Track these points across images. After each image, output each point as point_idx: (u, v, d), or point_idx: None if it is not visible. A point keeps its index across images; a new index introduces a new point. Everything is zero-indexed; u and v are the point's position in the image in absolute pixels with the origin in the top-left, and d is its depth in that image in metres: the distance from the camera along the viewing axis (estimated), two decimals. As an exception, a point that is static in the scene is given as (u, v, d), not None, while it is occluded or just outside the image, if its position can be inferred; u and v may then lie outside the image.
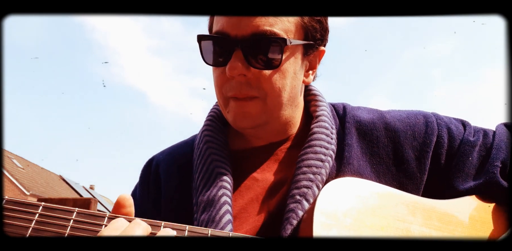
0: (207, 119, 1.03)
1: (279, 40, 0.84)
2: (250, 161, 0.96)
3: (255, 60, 0.85)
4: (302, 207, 0.83)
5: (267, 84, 0.87)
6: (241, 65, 0.85)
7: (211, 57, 0.89)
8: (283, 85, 0.89)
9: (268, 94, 0.88)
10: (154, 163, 1.05)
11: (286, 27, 0.86)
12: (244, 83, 0.87)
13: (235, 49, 0.85)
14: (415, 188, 0.90)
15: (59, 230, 0.66)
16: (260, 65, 0.85)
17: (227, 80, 0.88)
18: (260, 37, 0.84)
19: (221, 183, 0.88)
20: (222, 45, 0.87)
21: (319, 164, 0.88)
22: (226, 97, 0.90)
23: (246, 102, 0.88)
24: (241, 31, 0.84)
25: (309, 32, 0.90)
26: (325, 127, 0.93)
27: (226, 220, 0.83)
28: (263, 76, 0.86)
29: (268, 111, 0.90)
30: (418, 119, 0.96)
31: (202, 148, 0.96)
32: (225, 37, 0.86)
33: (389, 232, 0.79)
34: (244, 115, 0.89)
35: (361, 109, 1.01)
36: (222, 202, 0.85)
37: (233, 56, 0.85)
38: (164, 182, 1.00)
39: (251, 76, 0.86)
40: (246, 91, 0.87)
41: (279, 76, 0.88)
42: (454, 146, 0.92)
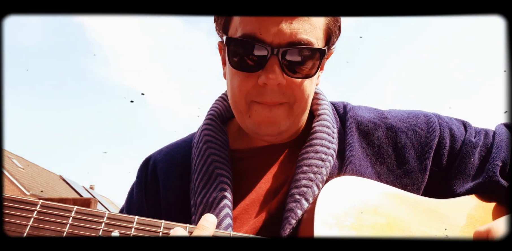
0: (206, 118, 1.01)
1: (318, 50, 0.84)
2: (251, 162, 0.95)
3: (291, 69, 0.83)
4: (301, 207, 0.82)
5: (298, 92, 0.86)
6: (280, 73, 0.82)
7: (239, 62, 0.85)
8: (311, 91, 0.89)
9: (296, 101, 0.87)
10: (152, 163, 1.04)
11: (318, 35, 0.85)
12: (277, 91, 0.85)
13: (272, 56, 0.82)
14: (416, 188, 0.89)
15: (58, 228, 0.66)
16: (297, 74, 0.84)
17: (255, 86, 0.85)
18: (298, 45, 0.82)
19: (221, 186, 0.87)
20: (256, 51, 0.83)
21: (320, 163, 0.87)
22: (250, 102, 0.87)
23: (275, 108, 0.86)
24: (278, 37, 0.81)
25: (331, 38, 0.89)
26: (327, 126, 0.93)
27: (226, 224, 0.82)
28: (295, 84, 0.85)
29: (293, 117, 0.89)
30: (420, 119, 0.95)
31: (202, 148, 0.94)
32: (260, 42, 0.82)
33: (390, 231, 0.79)
34: (270, 121, 0.87)
35: (362, 109, 1.00)
36: (222, 205, 0.84)
37: (269, 64, 0.82)
38: (162, 182, 0.99)
39: (286, 84, 0.84)
40: (279, 99, 0.85)
41: (309, 83, 0.87)
42: (456, 147, 0.92)
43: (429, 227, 0.82)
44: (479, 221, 0.86)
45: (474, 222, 0.85)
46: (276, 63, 0.82)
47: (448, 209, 0.86)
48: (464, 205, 0.87)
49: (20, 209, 0.66)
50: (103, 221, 0.69)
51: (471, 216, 0.86)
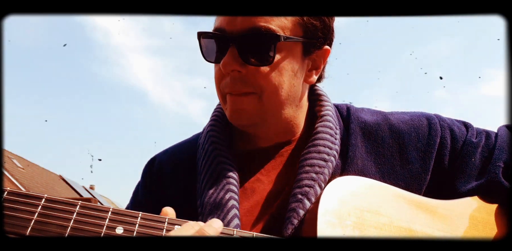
0: (211, 119, 1.01)
1: (272, 36, 0.84)
2: (255, 163, 0.95)
3: (249, 56, 0.85)
4: (304, 207, 0.82)
5: (263, 81, 0.86)
6: (235, 61, 0.84)
7: (209, 54, 0.90)
8: (279, 82, 0.88)
9: (263, 90, 0.87)
10: (157, 163, 1.04)
11: (283, 24, 0.85)
12: (239, 79, 0.86)
13: (230, 45, 0.85)
14: (418, 188, 0.90)
15: (62, 223, 0.66)
16: (253, 61, 0.85)
17: (224, 77, 0.88)
18: (254, 33, 0.83)
19: (228, 186, 0.87)
20: (218, 42, 0.87)
21: (322, 163, 0.87)
22: (224, 93, 0.90)
23: (241, 98, 0.87)
24: (237, 27, 0.84)
25: (309, 30, 0.89)
26: (330, 127, 0.93)
27: (234, 224, 0.82)
28: (259, 73, 0.86)
29: (264, 108, 0.89)
30: (422, 121, 0.96)
31: (208, 148, 0.94)
32: (221, 33, 0.86)
33: (392, 232, 0.79)
34: (240, 111, 0.89)
35: (365, 111, 1.01)
36: (230, 206, 0.84)
37: (227, 53, 0.85)
38: (168, 182, 0.99)
39: (246, 72, 0.86)
40: (241, 88, 0.87)
41: (276, 73, 0.87)
42: (457, 147, 0.93)
43: (431, 228, 0.82)
44: (481, 222, 0.86)
45: (476, 223, 0.85)
46: (233, 51, 0.84)
47: (451, 210, 0.85)
48: (466, 206, 0.87)
49: (24, 204, 0.66)
50: (108, 216, 0.68)
51: (473, 217, 0.86)
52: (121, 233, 0.68)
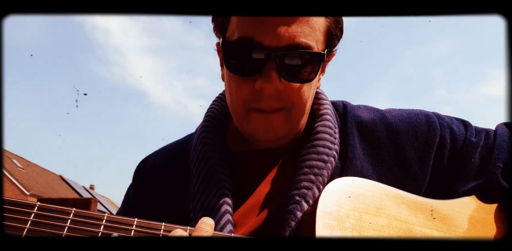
0: (204, 119, 0.99)
1: (318, 55, 0.82)
2: (251, 165, 0.93)
3: (289, 74, 0.81)
4: (301, 208, 0.81)
5: (296, 97, 0.84)
6: (276, 78, 0.80)
7: (235, 65, 0.83)
8: (309, 96, 0.87)
9: (294, 106, 0.85)
10: (148, 165, 1.02)
11: (318, 38, 0.82)
12: (274, 96, 0.82)
13: (269, 60, 0.79)
14: (417, 189, 0.89)
15: (56, 231, 0.65)
16: (295, 79, 0.82)
17: (252, 91, 0.83)
18: (296, 49, 0.79)
19: (221, 191, 0.85)
20: (253, 54, 0.80)
21: (321, 165, 0.86)
22: (248, 108, 0.85)
23: (272, 115, 0.84)
24: (276, 41, 0.79)
25: (332, 41, 0.87)
26: (329, 127, 0.91)
27: (228, 230, 0.81)
28: (293, 88, 0.82)
29: (291, 123, 0.87)
30: (420, 119, 0.94)
31: (201, 151, 0.92)
32: (257, 46, 0.79)
33: (391, 232, 0.78)
34: (268, 129, 0.85)
35: (361, 108, 0.99)
36: (223, 211, 0.82)
37: (266, 68, 0.80)
38: (160, 184, 0.97)
39: (283, 89, 0.82)
40: (275, 104, 0.83)
41: (308, 88, 0.85)
42: (457, 147, 0.91)
43: (430, 228, 0.82)
44: (480, 222, 0.86)
45: (475, 223, 0.85)
46: (273, 67, 0.79)
47: (449, 210, 0.85)
48: (465, 206, 0.87)
49: (17, 212, 0.65)
50: (102, 224, 0.68)
51: (473, 217, 0.86)
52: None
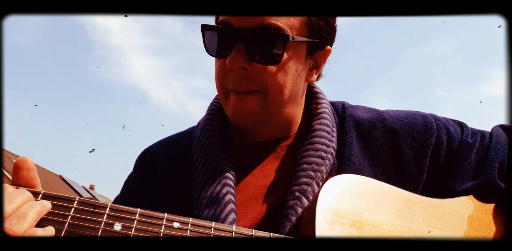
0: (208, 112, 1.01)
1: (282, 36, 0.83)
2: (251, 157, 0.95)
3: (256, 54, 0.84)
4: (301, 204, 0.82)
5: (269, 80, 0.86)
6: (242, 58, 0.83)
7: (213, 48, 0.88)
8: (284, 81, 0.87)
9: (269, 89, 0.87)
10: (151, 154, 1.04)
11: (291, 23, 0.84)
12: (244, 76, 0.85)
13: (237, 41, 0.83)
14: (414, 188, 0.90)
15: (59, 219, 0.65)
16: (261, 60, 0.84)
17: (228, 73, 0.87)
18: (263, 30, 0.82)
19: (225, 181, 0.87)
20: (224, 36, 0.85)
21: (320, 161, 0.87)
22: (226, 89, 0.89)
23: (246, 96, 0.87)
24: (245, 23, 0.82)
25: (315, 30, 0.89)
26: (326, 125, 0.93)
27: (231, 219, 0.82)
28: (266, 71, 0.85)
29: (268, 108, 0.89)
30: (417, 119, 0.96)
31: (205, 142, 0.94)
32: (228, 28, 0.84)
33: (390, 229, 0.79)
34: (243, 110, 0.88)
35: (360, 108, 1.01)
36: (226, 200, 0.84)
37: (234, 49, 0.83)
38: (162, 173, 0.99)
39: (252, 70, 0.85)
40: (246, 85, 0.86)
41: (282, 73, 0.86)
42: (453, 147, 0.93)
43: (428, 226, 0.83)
44: (477, 221, 0.86)
45: (472, 222, 0.86)
46: (241, 47, 0.83)
47: (447, 209, 0.86)
48: (462, 205, 0.88)
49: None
50: (106, 213, 0.68)
51: (469, 216, 0.87)
52: (119, 229, 0.68)
